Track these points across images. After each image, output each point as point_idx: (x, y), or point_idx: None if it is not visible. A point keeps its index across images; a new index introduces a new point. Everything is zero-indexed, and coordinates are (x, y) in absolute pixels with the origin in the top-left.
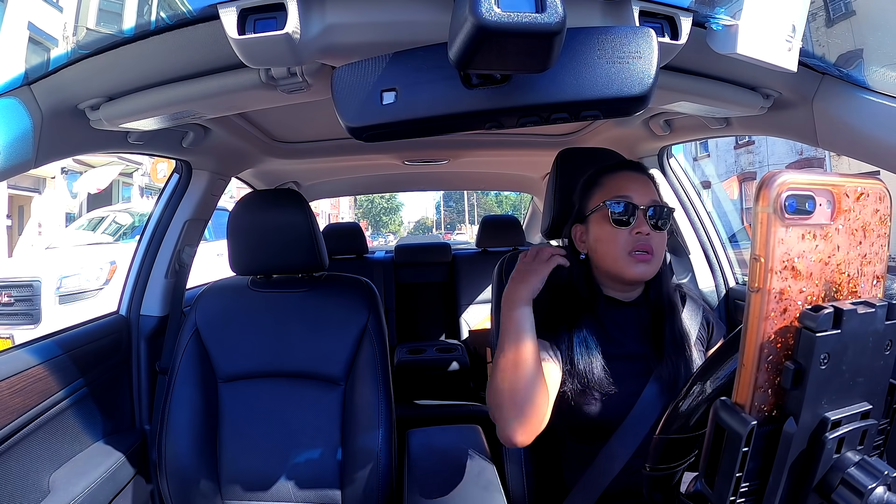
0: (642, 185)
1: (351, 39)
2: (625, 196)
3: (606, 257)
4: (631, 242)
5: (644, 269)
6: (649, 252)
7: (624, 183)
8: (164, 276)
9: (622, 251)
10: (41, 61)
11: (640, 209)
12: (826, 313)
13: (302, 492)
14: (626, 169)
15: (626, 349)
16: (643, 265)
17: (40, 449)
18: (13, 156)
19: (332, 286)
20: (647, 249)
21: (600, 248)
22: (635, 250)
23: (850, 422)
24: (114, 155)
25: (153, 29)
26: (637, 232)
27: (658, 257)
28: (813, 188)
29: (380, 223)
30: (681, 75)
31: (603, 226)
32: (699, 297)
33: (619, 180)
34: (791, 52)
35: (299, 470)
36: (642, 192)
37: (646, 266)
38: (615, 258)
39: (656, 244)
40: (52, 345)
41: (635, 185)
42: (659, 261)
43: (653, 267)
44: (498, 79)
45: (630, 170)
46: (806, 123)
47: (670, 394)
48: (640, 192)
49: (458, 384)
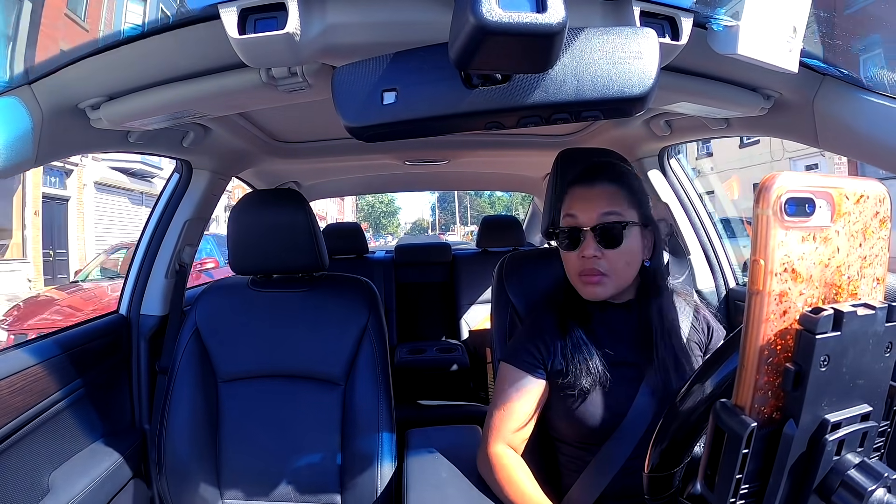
0: (592, 199)
1: (351, 39)
2: (571, 216)
3: (568, 276)
4: (580, 266)
5: (593, 290)
6: (597, 274)
7: (572, 201)
8: (164, 276)
9: (574, 273)
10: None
11: (585, 230)
12: (826, 315)
13: (302, 492)
14: (579, 182)
15: (619, 354)
16: (592, 287)
17: (40, 448)
18: (14, 155)
19: (333, 286)
20: (593, 273)
21: (564, 267)
22: (581, 274)
23: (851, 424)
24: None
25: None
26: (582, 256)
27: (615, 275)
28: (813, 190)
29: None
30: (681, 76)
31: (561, 246)
32: (695, 299)
33: (571, 198)
34: (792, 53)
35: (299, 470)
36: (589, 208)
37: (595, 287)
38: (573, 280)
39: (610, 262)
40: (51, 344)
41: (582, 203)
42: (618, 278)
43: (607, 288)
44: (498, 79)
45: (583, 183)
46: (807, 124)
47: (662, 397)
48: (586, 209)
49: (459, 384)
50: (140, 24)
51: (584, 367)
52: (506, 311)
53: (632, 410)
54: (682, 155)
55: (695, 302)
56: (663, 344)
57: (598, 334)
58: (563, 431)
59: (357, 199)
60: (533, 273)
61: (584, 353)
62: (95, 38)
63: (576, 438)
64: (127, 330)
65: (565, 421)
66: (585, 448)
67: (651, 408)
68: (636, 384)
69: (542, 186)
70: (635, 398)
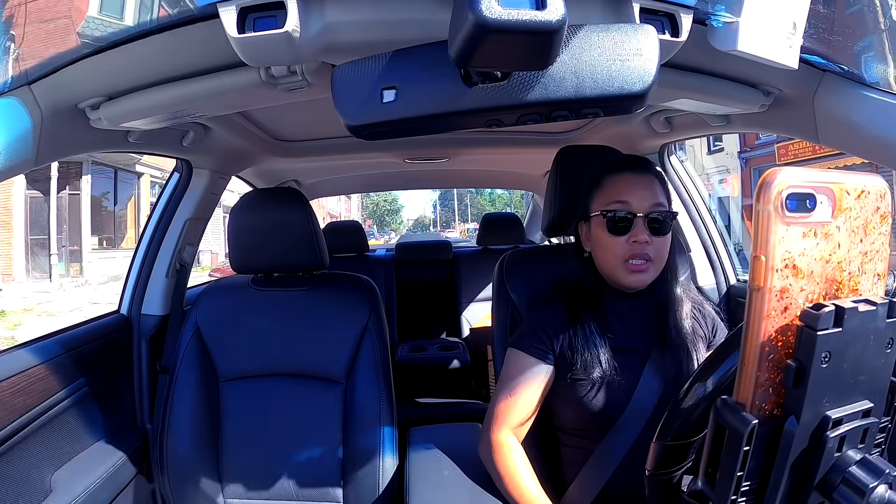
0: (643, 188)
1: (351, 38)
2: (622, 202)
3: (604, 263)
4: (628, 251)
5: (640, 277)
6: (647, 260)
7: (622, 187)
8: (164, 276)
9: (618, 260)
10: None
11: (638, 217)
12: (827, 312)
13: (303, 490)
14: (627, 170)
15: (628, 342)
16: (639, 274)
17: (42, 448)
18: (13, 155)
19: (333, 284)
20: (645, 258)
21: (599, 253)
22: (632, 259)
23: (852, 420)
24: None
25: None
26: (634, 241)
27: (658, 262)
28: (814, 186)
29: (384, 223)
30: (681, 72)
31: (601, 232)
32: (699, 297)
33: (619, 184)
34: (792, 50)
35: (300, 469)
36: (642, 196)
37: (642, 275)
38: (612, 266)
39: (656, 250)
40: (53, 344)
41: (635, 190)
42: (660, 265)
43: (650, 274)
44: (498, 76)
45: (631, 171)
46: (807, 120)
47: (670, 387)
48: (639, 196)
49: (459, 382)
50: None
51: (595, 359)
52: (507, 308)
53: (634, 400)
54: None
55: (700, 298)
56: (675, 334)
57: (609, 323)
58: (568, 420)
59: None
60: (534, 270)
61: (595, 344)
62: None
63: (580, 427)
64: (128, 330)
65: (570, 409)
66: (589, 437)
67: (654, 397)
68: (640, 373)
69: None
70: (638, 387)
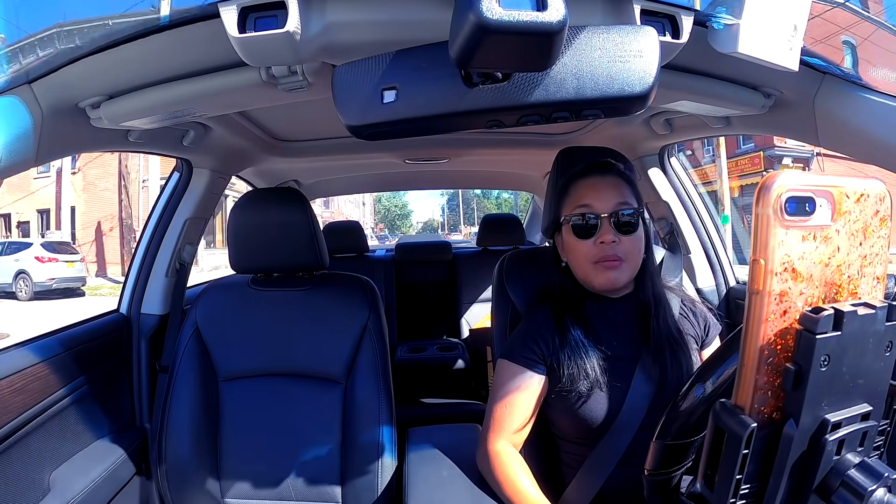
0: (606, 188)
1: (351, 38)
2: (586, 206)
3: (577, 268)
4: (596, 253)
5: (613, 275)
6: (617, 259)
7: (585, 191)
8: (164, 275)
9: (589, 263)
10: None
11: (602, 217)
12: (826, 315)
13: (302, 490)
14: (588, 175)
15: (615, 348)
16: (612, 272)
17: (41, 447)
18: (14, 154)
19: (333, 285)
20: (614, 258)
21: (571, 259)
22: (602, 261)
23: (851, 423)
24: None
25: (153, 27)
26: (601, 242)
27: (631, 261)
28: (813, 189)
29: (395, 226)
30: (682, 74)
31: (570, 237)
32: (690, 297)
33: (582, 188)
34: (792, 52)
35: (300, 469)
36: (606, 197)
37: (613, 272)
38: (585, 270)
39: (626, 249)
40: (52, 343)
41: (597, 192)
42: (633, 264)
43: (623, 273)
44: (499, 77)
45: (593, 175)
46: (807, 123)
47: (661, 389)
48: (602, 198)
49: (459, 383)
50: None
51: (583, 370)
52: (506, 309)
53: (626, 403)
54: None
55: (690, 297)
56: (658, 328)
57: (595, 330)
58: (564, 428)
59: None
60: (533, 272)
61: (581, 355)
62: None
63: (576, 435)
64: (127, 329)
65: (565, 418)
66: (586, 444)
67: (646, 399)
68: (631, 378)
69: (542, 185)
70: (630, 392)
